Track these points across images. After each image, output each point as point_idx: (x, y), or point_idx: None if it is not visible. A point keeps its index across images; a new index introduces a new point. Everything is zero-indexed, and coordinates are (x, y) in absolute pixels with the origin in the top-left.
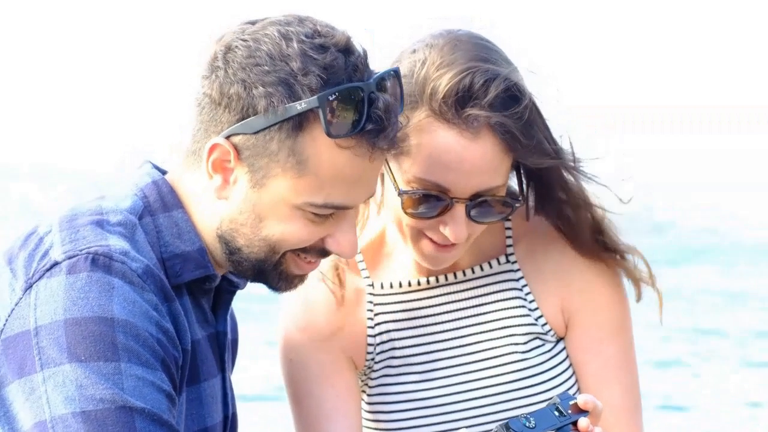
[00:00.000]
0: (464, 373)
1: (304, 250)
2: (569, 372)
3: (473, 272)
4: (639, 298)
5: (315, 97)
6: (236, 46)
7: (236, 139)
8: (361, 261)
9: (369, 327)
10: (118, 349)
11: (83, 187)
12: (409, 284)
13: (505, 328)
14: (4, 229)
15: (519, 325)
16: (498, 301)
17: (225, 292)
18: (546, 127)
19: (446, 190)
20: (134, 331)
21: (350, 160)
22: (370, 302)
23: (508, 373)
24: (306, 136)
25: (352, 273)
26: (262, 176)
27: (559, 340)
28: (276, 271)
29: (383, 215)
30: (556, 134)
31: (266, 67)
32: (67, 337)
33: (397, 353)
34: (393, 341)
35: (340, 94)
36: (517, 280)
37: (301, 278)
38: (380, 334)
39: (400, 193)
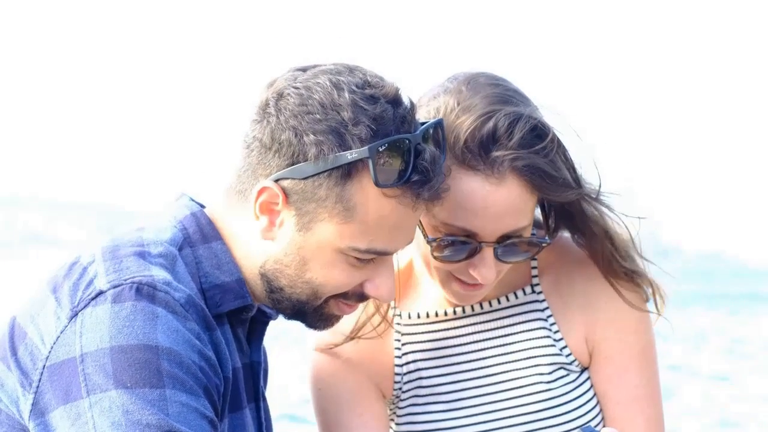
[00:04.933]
0: (490, 403)
1: (345, 295)
2: (593, 402)
3: (499, 303)
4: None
5: (366, 147)
6: (288, 94)
7: (285, 183)
8: None
9: (396, 357)
10: (163, 376)
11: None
12: (436, 314)
13: (530, 358)
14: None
15: (544, 356)
16: (523, 331)
17: (258, 322)
18: (568, 158)
19: (474, 234)
20: (178, 359)
21: (395, 209)
22: (398, 332)
23: (532, 403)
24: (355, 184)
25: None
26: (308, 220)
27: (584, 370)
28: (317, 313)
29: (410, 247)
30: (577, 165)
31: (318, 116)
32: (113, 364)
33: (425, 383)
34: (420, 371)
35: (389, 145)
36: (543, 310)
37: (338, 318)
38: (407, 364)
39: (429, 241)
